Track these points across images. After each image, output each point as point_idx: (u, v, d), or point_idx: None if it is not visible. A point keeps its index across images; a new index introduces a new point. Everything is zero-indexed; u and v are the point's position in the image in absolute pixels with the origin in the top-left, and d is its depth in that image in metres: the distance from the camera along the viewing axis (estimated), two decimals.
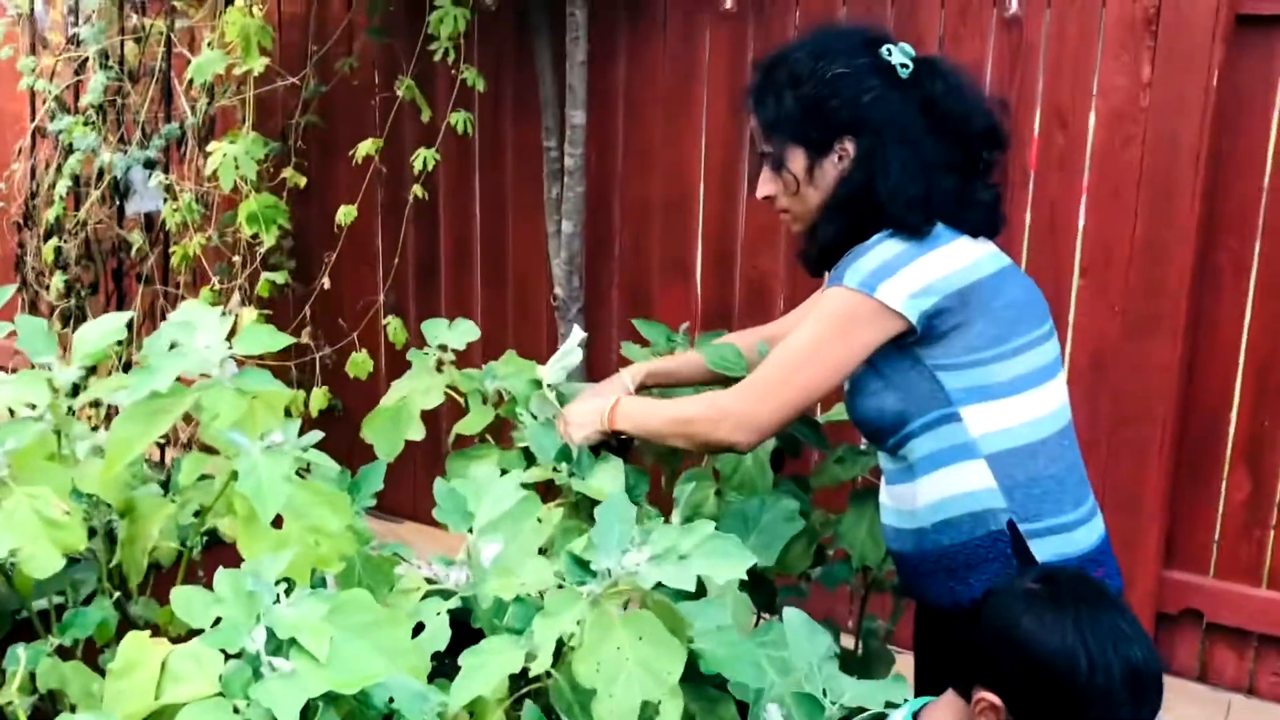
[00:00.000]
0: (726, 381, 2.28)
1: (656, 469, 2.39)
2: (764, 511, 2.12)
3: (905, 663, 2.40)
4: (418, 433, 2.22)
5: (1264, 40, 2.86)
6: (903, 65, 1.92)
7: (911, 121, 1.91)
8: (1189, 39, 2.84)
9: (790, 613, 1.79)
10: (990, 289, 1.88)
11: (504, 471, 2.26)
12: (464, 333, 2.33)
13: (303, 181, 3.67)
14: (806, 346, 1.91)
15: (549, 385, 2.26)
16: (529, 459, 2.30)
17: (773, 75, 1.99)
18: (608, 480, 2.07)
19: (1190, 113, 2.88)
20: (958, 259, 1.88)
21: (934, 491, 1.92)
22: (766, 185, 2.02)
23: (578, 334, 2.36)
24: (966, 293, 1.85)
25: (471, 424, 2.28)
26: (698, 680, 1.75)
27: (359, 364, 3.64)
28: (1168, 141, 2.91)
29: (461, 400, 2.30)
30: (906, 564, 2.04)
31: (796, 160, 1.97)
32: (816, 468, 2.42)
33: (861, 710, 1.75)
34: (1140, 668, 1.45)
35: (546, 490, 2.17)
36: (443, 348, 2.31)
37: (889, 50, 1.93)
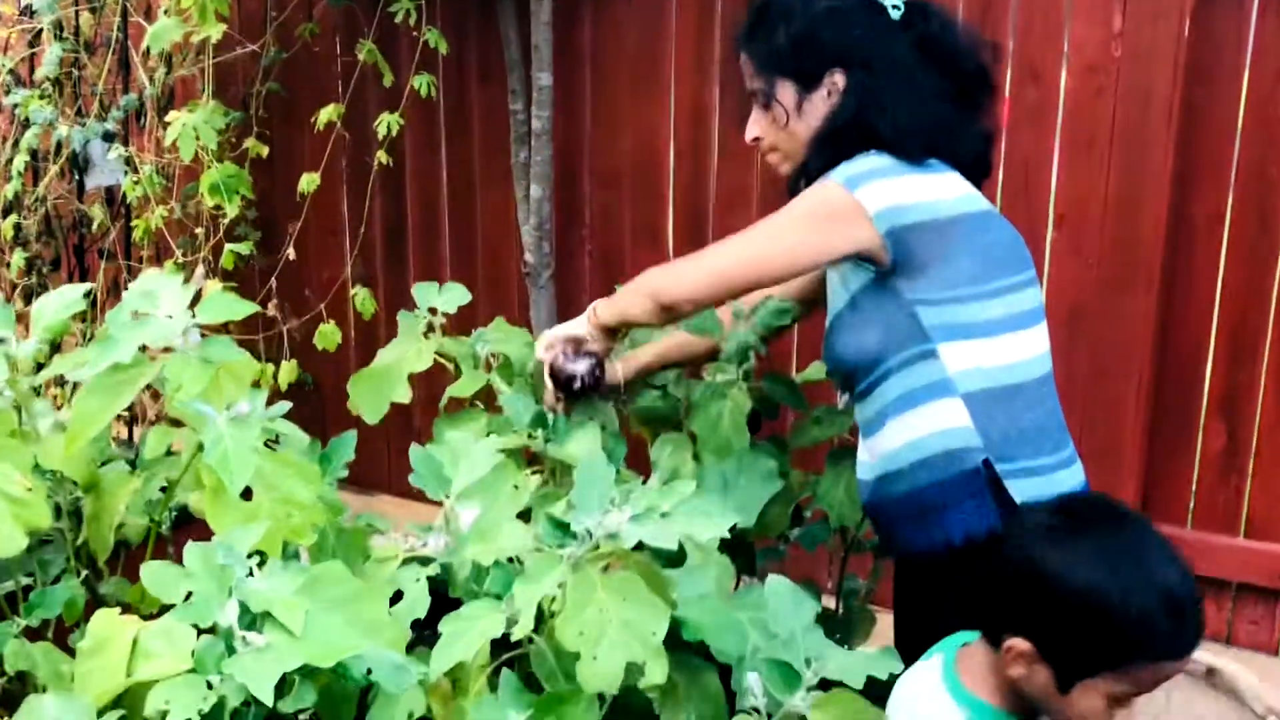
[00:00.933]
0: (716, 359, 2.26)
1: (638, 437, 2.36)
2: (741, 473, 2.09)
3: (886, 622, 2.38)
4: (404, 395, 2.22)
5: None
6: (894, 7, 1.93)
7: (903, 55, 1.92)
8: None
9: (774, 579, 1.77)
10: (975, 225, 1.88)
11: (487, 435, 2.26)
12: (455, 297, 2.33)
13: (265, 151, 3.60)
14: (773, 223, 1.92)
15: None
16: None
17: (765, 13, 2.00)
18: (584, 446, 2.04)
19: (1162, 63, 2.85)
20: (947, 189, 1.88)
21: (908, 431, 1.91)
22: (754, 125, 2.03)
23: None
24: (948, 225, 1.85)
25: (464, 387, 2.29)
26: (680, 648, 1.73)
27: (327, 335, 3.59)
28: (1140, 93, 2.88)
29: (450, 367, 2.29)
30: (882, 513, 2.03)
31: (786, 94, 1.97)
32: (794, 428, 2.40)
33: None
34: (1175, 590, 1.38)
35: (532, 460, 2.15)
36: (432, 311, 2.29)
37: None
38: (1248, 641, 3.17)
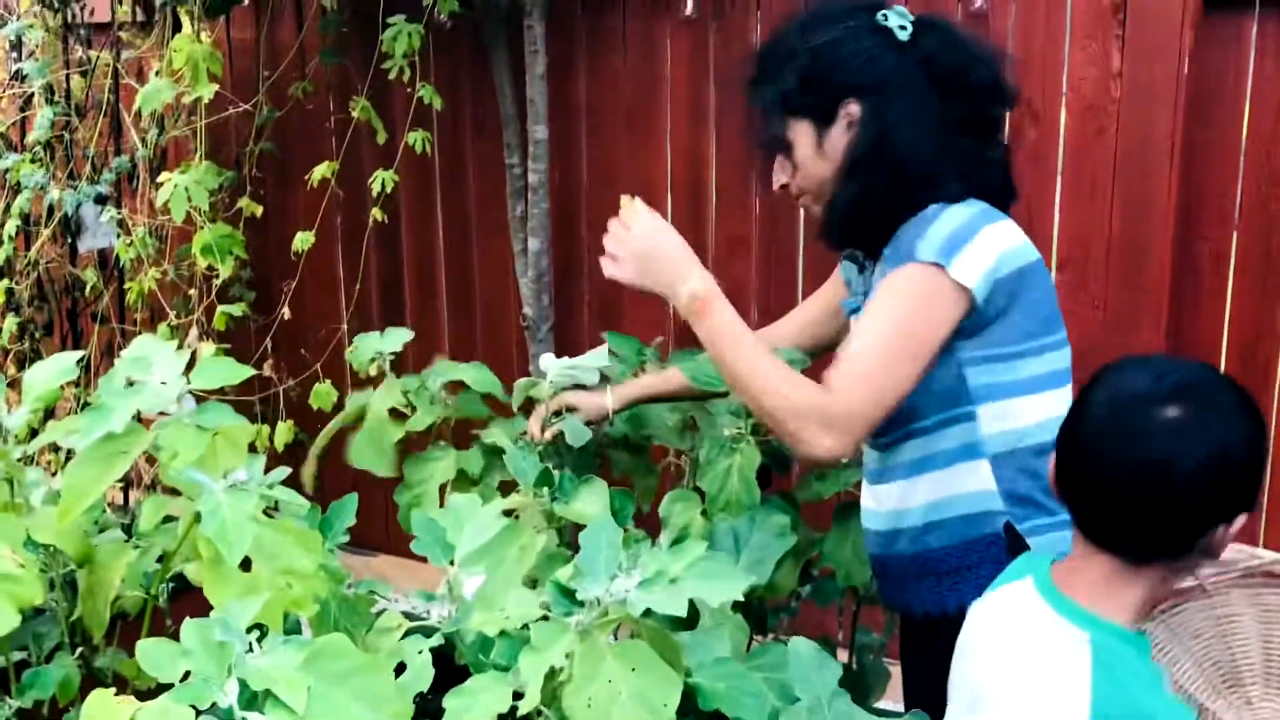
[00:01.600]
0: (706, 398, 2.22)
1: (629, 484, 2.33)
2: (754, 529, 2.04)
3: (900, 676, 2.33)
4: (398, 432, 2.23)
5: (1234, 25, 2.81)
6: (901, 27, 1.86)
7: (913, 78, 1.84)
8: (1158, 27, 2.80)
9: (796, 642, 1.70)
10: (1034, 276, 1.82)
11: (461, 473, 2.23)
12: (397, 338, 2.32)
13: (259, 210, 3.58)
14: (893, 329, 1.76)
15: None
16: (487, 456, 2.25)
17: (767, 57, 1.95)
18: (591, 504, 1.99)
19: (1162, 102, 2.83)
20: (1012, 236, 1.82)
21: (930, 491, 1.86)
22: (779, 173, 1.96)
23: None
24: (1017, 278, 1.79)
25: (419, 421, 2.29)
26: (696, 716, 1.67)
27: (323, 395, 3.55)
28: (1141, 132, 2.86)
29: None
30: (889, 569, 1.98)
31: (803, 135, 1.90)
32: (798, 483, 2.35)
33: None
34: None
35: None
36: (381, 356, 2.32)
37: (885, 15, 1.87)
38: None
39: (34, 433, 2.01)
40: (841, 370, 1.77)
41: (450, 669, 1.70)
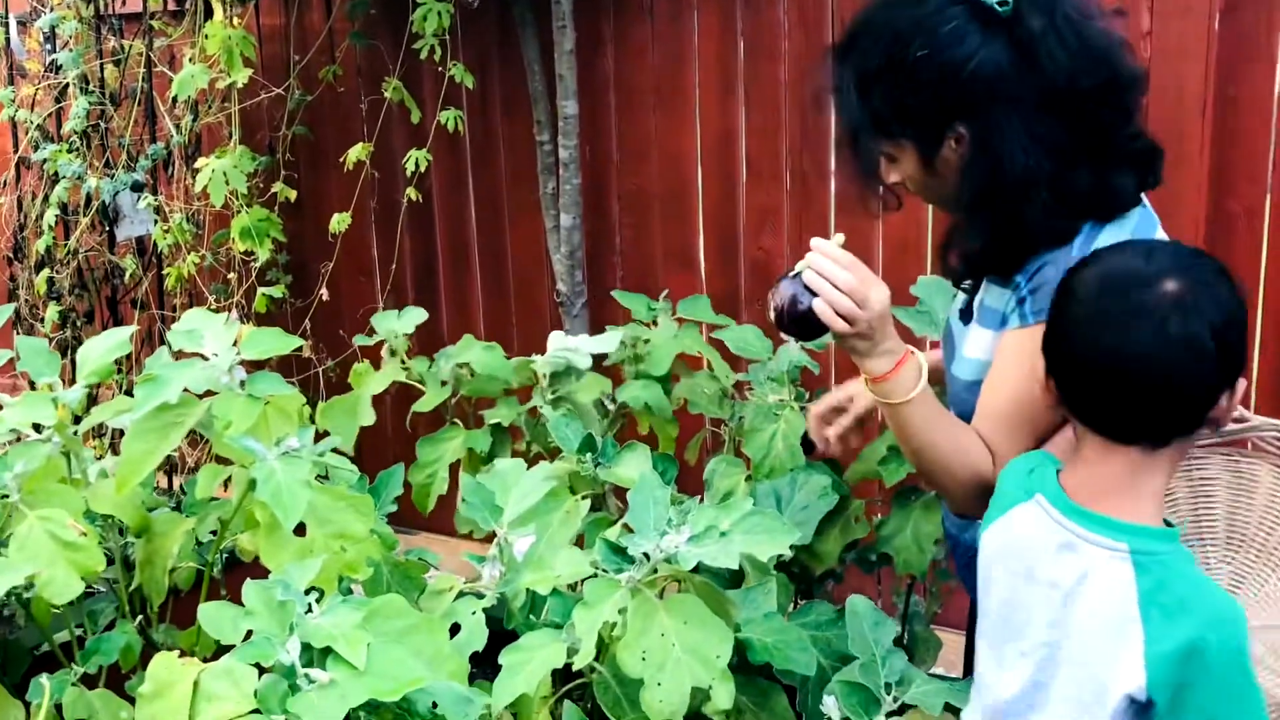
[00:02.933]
0: None
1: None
2: (796, 489, 2.06)
3: (950, 645, 2.35)
4: (368, 418, 2.26)
5: None
6: (1000, 3, 1.58)
7: (1021, 85, 1.58)
8: None
9: (854, 600, 1.73)
10: None
11: (471, 451, 2.26)
12: (412, 319, 2.37)
13: (293, 194, 3.61)
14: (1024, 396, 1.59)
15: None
16: (495, 435, 2.27)
17: (850, 68, 1.67)
18: (634, 468, 2.02)
19: (1193, 61, 2.82)
20: None
21: None
22: (890, 172, 1.72)
23: None
24: None
25: (426, 403, 2.33)
26: (745, 670, 1.70)
27: (361, 375, 3.57)
28: (1173, 92, 2.85)
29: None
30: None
31: (907, 155, 1.68)
32: (856, 455, 2.27)
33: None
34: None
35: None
36: (396, 336, 2.37)
37: None
38: None
39: (76, 419, 2.04)
40: (990, 424, 1.65)
41: (497, 635, 1.73)
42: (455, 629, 1.71)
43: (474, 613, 1.67)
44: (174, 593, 2.00)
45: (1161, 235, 1.70)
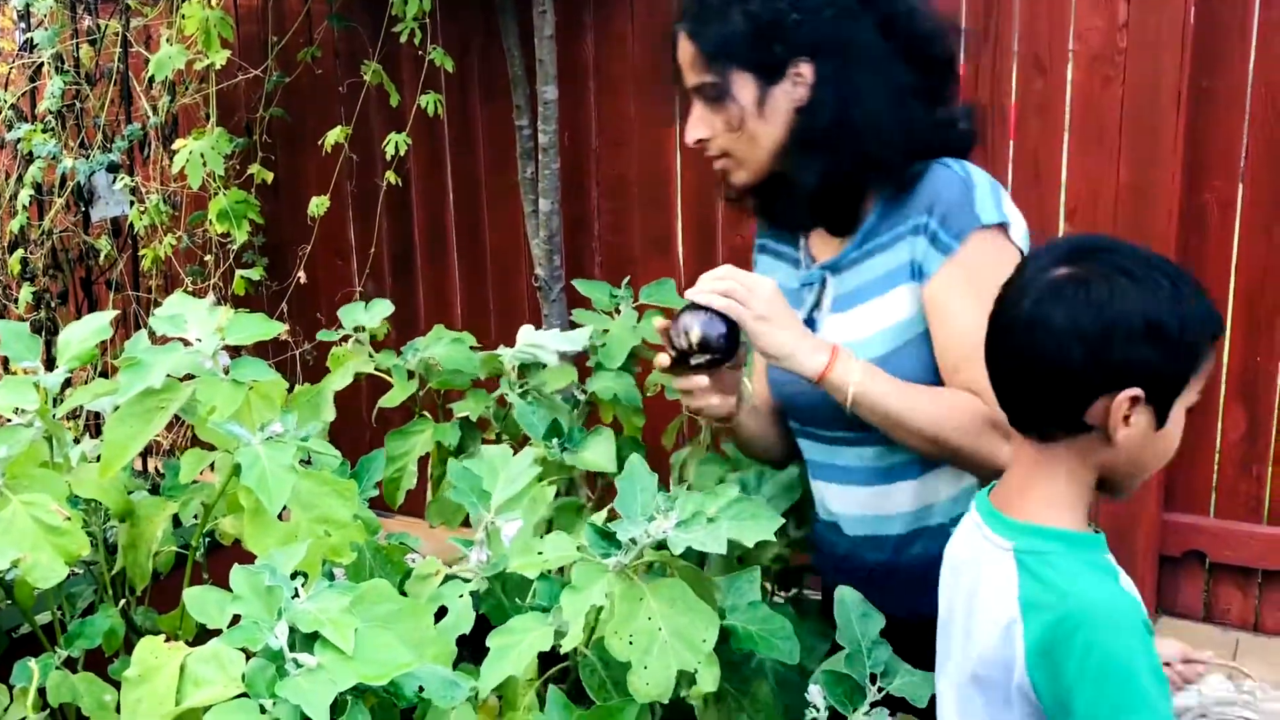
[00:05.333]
0: None
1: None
2: (764, 481, 2.06)
3: None
4: (329, 414, 2.20)
5: None
6: None
7: (875, 43, 1.68)
8: None
9: (843, 590, 1.74)
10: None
11: (440, 444, 2.26)
12: (379, 311, 2.32)
13: (270, 176, 3.60)
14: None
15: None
16: (464, 429, 2.28)
17: None
18: (599, 453, 2.02)
19: (1169, 52, 2.86)
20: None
21: (956, 481, 1.77)
22: (699, 125, 1.73)
23: None
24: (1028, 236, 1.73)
25: (393, 397, 2.30)
26: (729, 658, 1.71)
27: (339, 358, 3.57)
28: (1148, 82, 2.89)
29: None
30: (900, 577, 1.82)
31: (745, 90, 1.68)
32: None
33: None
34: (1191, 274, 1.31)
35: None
36: (359, 329, 2.30)
37: None
38: (1276, 628, 3.16)
39: (54, 402, 2.03)
40: (972, 366, 1.58)
41: (480, 625, 1.74)
42: (440, 612, 1.71)
43: (460, 596, 1.68)
44: (154, 576, 2.00)
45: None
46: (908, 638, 1.69)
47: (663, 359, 1.72)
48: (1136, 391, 1.28)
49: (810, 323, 1.80)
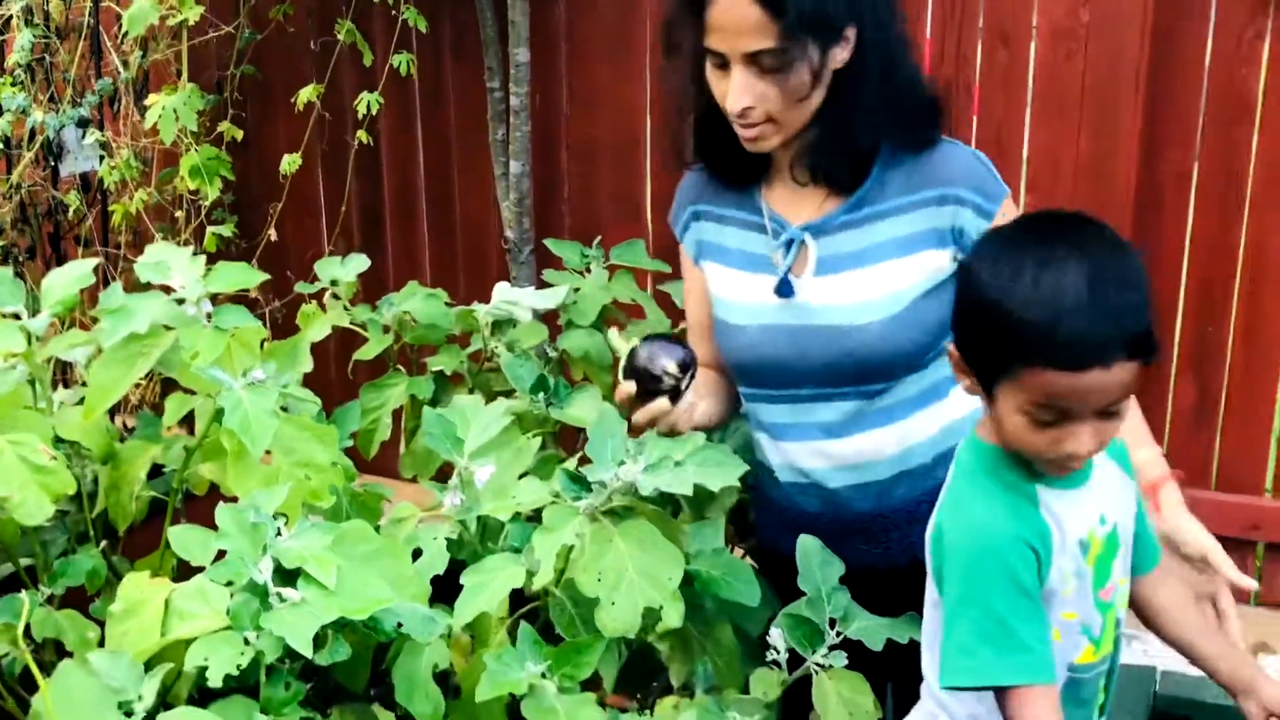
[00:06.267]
0: None
1: None
2: (725, 436, 2.11)
3: None
4: (306, 364, 2.18)
5: None
6: None
7: (892, 5, 1.76)
8: None
9: (805, 539, 1.81)
10: None
11: (414, 397, 2.30)
12: (355, 266, 2.38)
13: (240, 134, 3.61)
14: None
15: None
16: (438, 383, 2.32)
17: None
18: (586, 408, 2.08)
19: (1130, 28, 2.92)
20: None
21: (936, 421, 1.83)
22: (746, 94, 1.68)
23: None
24: None
25: (369, 350, 2.35)
26: (693, 601, 1.77)
27: (308, 316, 3.59)
28: (1109, 56, 2.95)
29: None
30: (883, 523, 1.87)
31: (811, 56, 1.66)
32: None
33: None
34: (1063, 298, 1.29)
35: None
36: (333, 283, 2.36)
37: None
38: None
39: None
40: None
41: (451, 564, 1.79)
42: (415, 556, 1.77)
43: (435, 539, 1.74)
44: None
45: None
46: (881, 587, 1.80)
47: (625, 391, 1.75)
48: (953, 348, 1.43)
49: (785, 284, 1.82)
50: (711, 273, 1.93)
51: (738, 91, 1.68)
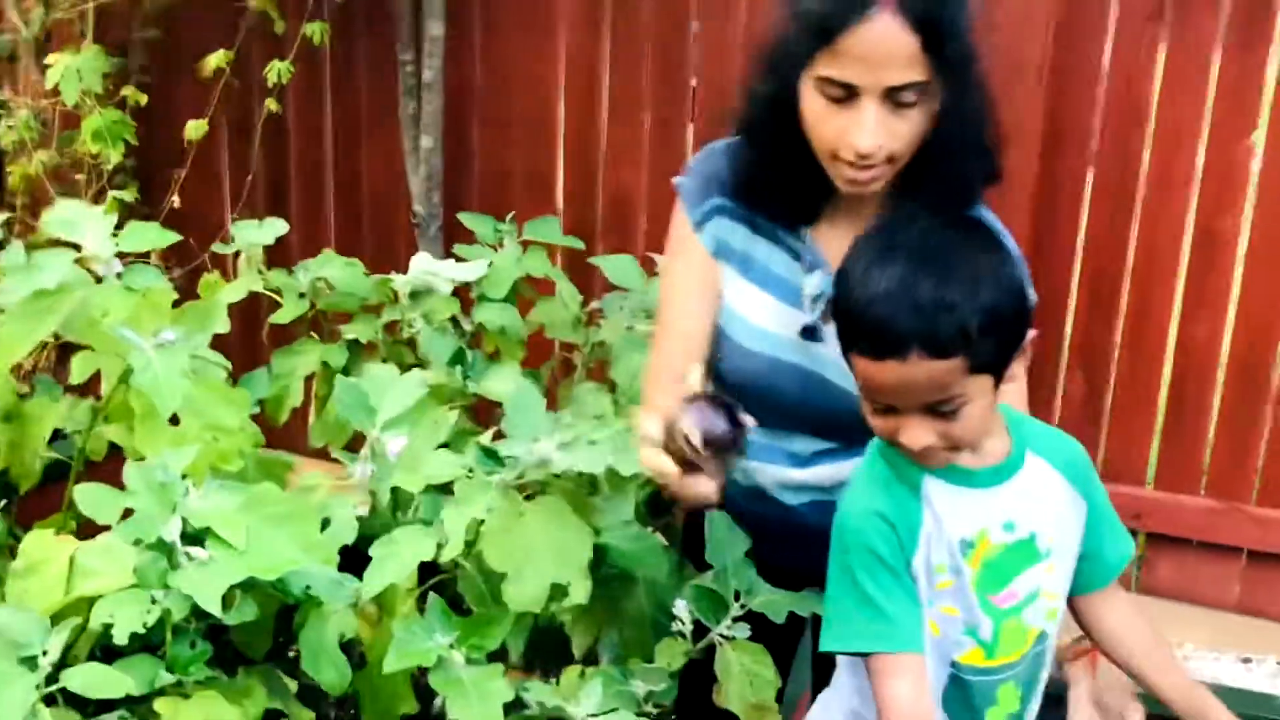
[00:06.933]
0: None
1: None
2: None
3: None
4: (223, 325, 2.19)
5: None
6: None
7: None
8: None
9: (713, 514, 1.84)
10: None
11: (326, 365, 2.29)
12: (273, 230, 2.34)
13: (144, 99, 3.55)
14: None
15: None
16: (352, 351, 2.32)
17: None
18: (503, 382, 2.09)
19: (1036, 26, 2.99)
20: None
21: None
22: (880, 131, 1.54)
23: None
24: None
25: (284, 314, 2.33)
26: (602, 575, 1.79)
27: (210, 285, 3.54)
28: (1014, 58, 3.01)
29: None
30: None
31: (931, 96, 1.54)
32: None
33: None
34: (873, 295, 1.34)
35: None
36: (255, 246, 2.34)
37: None
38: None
39: None
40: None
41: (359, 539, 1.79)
42: (324, 526, 1.76)
43: (345, 508, 1.73)
44: (13, 490, 1.99)
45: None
46: None
47: (665, 465, 1.53)
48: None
49: (814, 330, 1.74)
50: (732, 282, 1.77)
51: (872, 128, 1.52)
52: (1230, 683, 3.01)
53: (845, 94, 1.52)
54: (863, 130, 1.52)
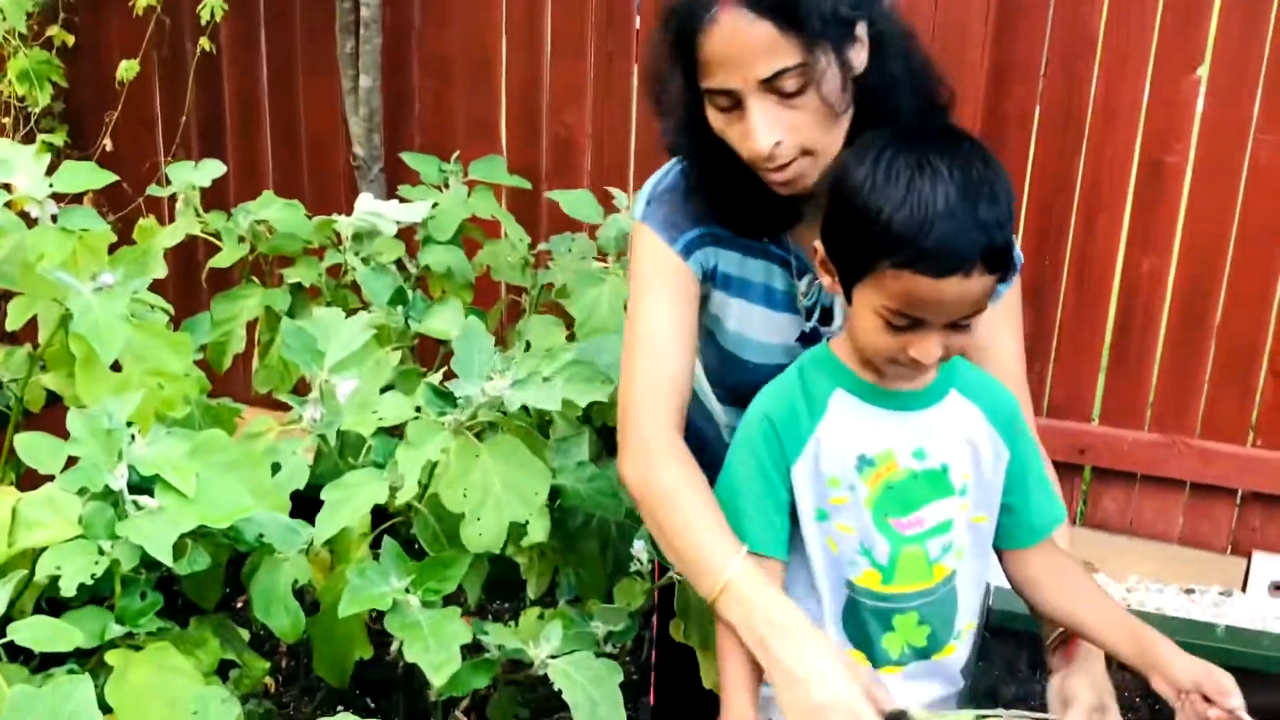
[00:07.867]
0: None
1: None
2: (607, 349, 2.12)
3: None
4: (160, 270, 2.11)
5: None
6: None
7: None
8: None
9: None
10: None
11: (269, 309, 2.26)
12: (209, 171, 2.33)
13: (72, 39, 3.45)
14: None
15: None
16: (294, 295, 2.28)
17: None
18: (446, 320, 2.06)
19: None
20: None
21: None
22: (776, 126, 1.44)
23: None
24: None
25: (224, 258, 2.31)
26: (558, 516, 1.78)
27: (145, 230, 3.46)
28: None
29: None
30: None
31: (832, 64, 1.43)
32: None
33: None
34: (931, 206, 1.30)
35: None
36: (191, 188, 2.33)
37: None
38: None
39: None
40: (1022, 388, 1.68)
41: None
42: (274, 471, 1.73)
43: (295, 453, 1.70)
44: None
45: None
46: None
47: None
48: (819, 245, 1.43)
49: (813, 335, 1.70)
50: (733, 306, 1.69)
51: (764, 127, 1.44)
52: (1174, 613, 3.07)
53: (730, 101, 1.46)
54: (753, 132, 1.44)
